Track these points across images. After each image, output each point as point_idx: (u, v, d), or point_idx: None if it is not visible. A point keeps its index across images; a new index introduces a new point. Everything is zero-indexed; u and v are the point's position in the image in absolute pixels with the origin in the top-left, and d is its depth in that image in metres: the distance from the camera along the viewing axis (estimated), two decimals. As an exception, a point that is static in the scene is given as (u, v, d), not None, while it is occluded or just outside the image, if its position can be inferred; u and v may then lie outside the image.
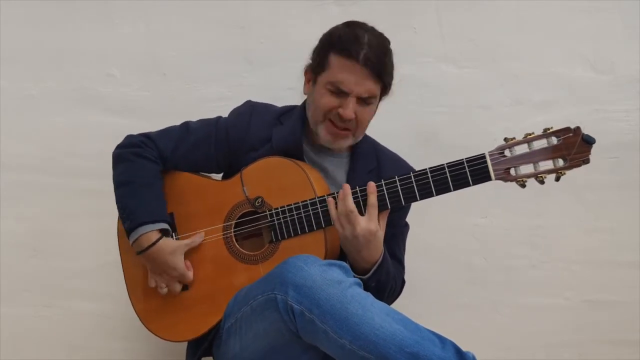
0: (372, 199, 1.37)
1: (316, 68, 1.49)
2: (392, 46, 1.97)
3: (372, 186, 1.37)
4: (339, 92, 1.44)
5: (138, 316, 1.56)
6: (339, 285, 1.22)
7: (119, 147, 1.59)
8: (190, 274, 1.50)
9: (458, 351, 1.18)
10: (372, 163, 1.59)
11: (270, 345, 1.32)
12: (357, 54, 1.41)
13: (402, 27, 2.02)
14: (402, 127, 1.99)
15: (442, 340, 1.20)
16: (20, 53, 1.99)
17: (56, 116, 2.00)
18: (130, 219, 1.48)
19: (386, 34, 1.95)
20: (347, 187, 1.39)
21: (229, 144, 1.55)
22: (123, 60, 2.01)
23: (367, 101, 1.46)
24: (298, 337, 1.26)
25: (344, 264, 1.30)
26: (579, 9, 2.01)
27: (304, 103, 1.59)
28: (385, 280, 1.45)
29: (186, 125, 1.60)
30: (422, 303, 1.90)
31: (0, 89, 1.99)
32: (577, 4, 2.00)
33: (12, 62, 1.99)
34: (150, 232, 1.47)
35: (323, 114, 1.47)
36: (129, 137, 1.59)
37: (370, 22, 1.51)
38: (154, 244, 1.46)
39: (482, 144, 1.96)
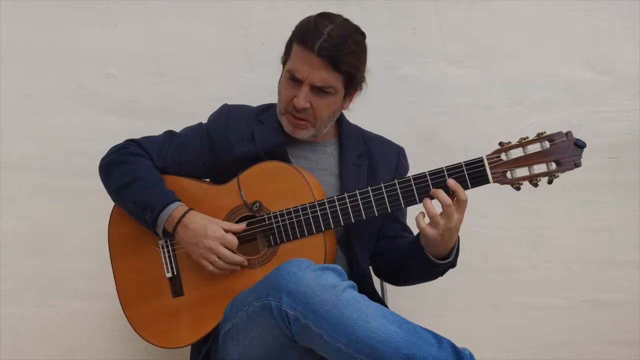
0: (463, 194, 1.34)
1: (284, 59, 1.52)
2: (392, 46, 2.00)
3: (455, 183, 1.35)
4: (295, 80, 1.46)
5: (130, 324, 1.53)
6: (333, 290, 1.21)
7: (105, 157, 1.58)
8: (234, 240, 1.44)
9: (455, 349, 1.18)
10: (361, 146, 1.60)
11: (267, 351, 1.32)
12: (312, 43, 1.41)
13: (402, 27, 2.02)
14: (402, 127, 1.99)
15: (439, 339, 1.20)
16: (20, 53, 1.99)
17: (56, 116, 1.99)
18: (150, 208, 1.45)
19: (386, 34, 1.98)
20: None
21: (211, 144, 1.55)
22: (123, 60, 2.00)
23: (324, 90, 1.45)
24: (294, 342, 1.26)
25: (339, 267, 1.30)
26: (579, 9, 2.01)
27: None
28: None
29: (169, 132, 1.62)
30: (421, 303, 1.90)
31: (1, 89, 1.99)
32: (577, 4, 2.00)
33: (12, 62, 1.99)
34: (178, 208, 1.45)
35: (284, 106, 1.50)
36: (113, 147, 1.59)
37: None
38: (186, 212, 1.44)
39: (482, 144, 1.98)
